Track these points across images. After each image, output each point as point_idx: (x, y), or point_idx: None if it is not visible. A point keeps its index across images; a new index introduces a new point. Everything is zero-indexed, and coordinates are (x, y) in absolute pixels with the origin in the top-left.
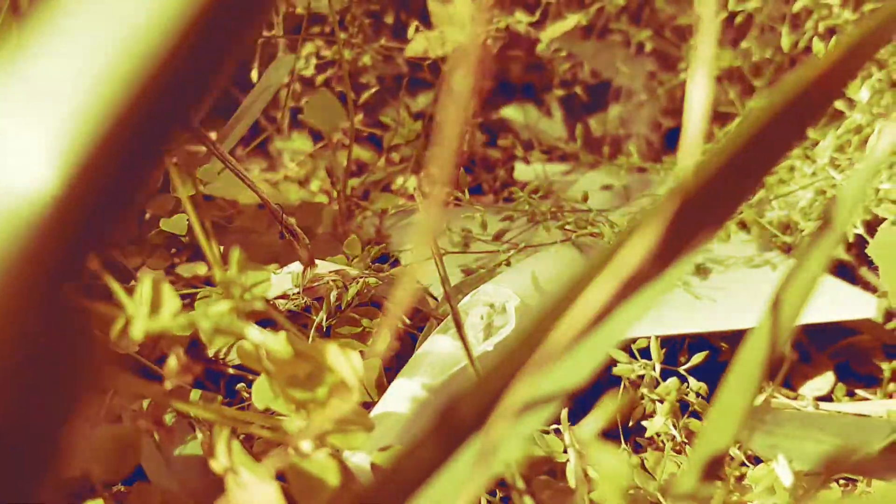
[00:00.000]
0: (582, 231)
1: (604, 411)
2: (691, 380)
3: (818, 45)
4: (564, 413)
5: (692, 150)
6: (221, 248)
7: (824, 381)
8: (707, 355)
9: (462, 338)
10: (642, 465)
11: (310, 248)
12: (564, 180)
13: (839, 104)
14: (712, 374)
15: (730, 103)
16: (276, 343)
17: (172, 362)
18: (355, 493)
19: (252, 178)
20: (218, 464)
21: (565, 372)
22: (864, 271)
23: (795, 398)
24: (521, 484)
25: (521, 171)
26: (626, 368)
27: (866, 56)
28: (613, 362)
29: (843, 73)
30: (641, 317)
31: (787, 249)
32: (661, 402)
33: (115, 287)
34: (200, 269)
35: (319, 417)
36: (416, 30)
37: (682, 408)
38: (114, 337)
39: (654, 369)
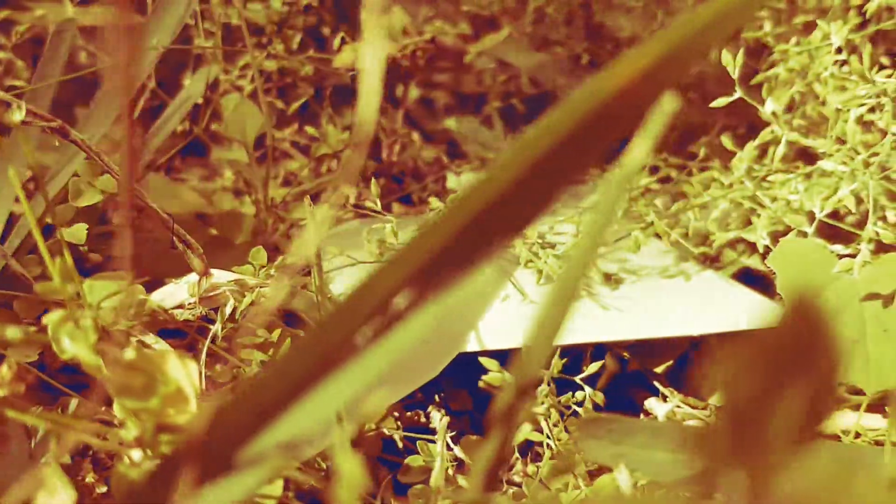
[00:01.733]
0: None
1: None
2: (587, 389)
3: (727, 58)
4: (444, 422)
5: (364, 135)
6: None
7: None
8: (602, 364)
9: None
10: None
11: (204, 258)
12: None
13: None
14: (615, 383)
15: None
16: (84, 355)
17: (4, 370)
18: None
19: (188, 188)
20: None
21: (358, 375)
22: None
23: (705, 408)
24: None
25: (455, 182)
26: (496, 378)
27: (679, 67)
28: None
29: (650, 86)
30: (431, 323)
31: (703, 260)
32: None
33: None
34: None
35: (151, 427)
36: (342, 41)
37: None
38: None
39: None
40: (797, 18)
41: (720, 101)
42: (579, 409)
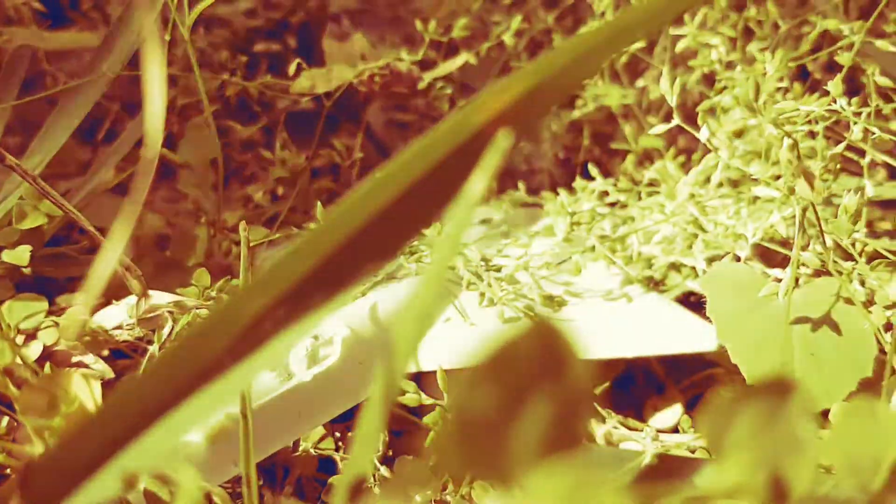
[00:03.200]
0: None
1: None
2: None
3: (665, 86)
4: None
5: (149, 156)
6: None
7: (672, 413)
8: None
9: None
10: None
11: (143, 280)
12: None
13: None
14: None
15: (624, 140)
16: None
17: None
18: None
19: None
20: None
21: (223, 393)
22: None
23: (643, 430)
24: None
25: None
26: (412, 398)
27: (546, 101)
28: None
29: (516, 120)
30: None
31: (650, 283)
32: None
33: None
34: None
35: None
36: (298, 67)
37: None
38: None
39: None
40: (750, 45)
41: (658, 129)
42: None
